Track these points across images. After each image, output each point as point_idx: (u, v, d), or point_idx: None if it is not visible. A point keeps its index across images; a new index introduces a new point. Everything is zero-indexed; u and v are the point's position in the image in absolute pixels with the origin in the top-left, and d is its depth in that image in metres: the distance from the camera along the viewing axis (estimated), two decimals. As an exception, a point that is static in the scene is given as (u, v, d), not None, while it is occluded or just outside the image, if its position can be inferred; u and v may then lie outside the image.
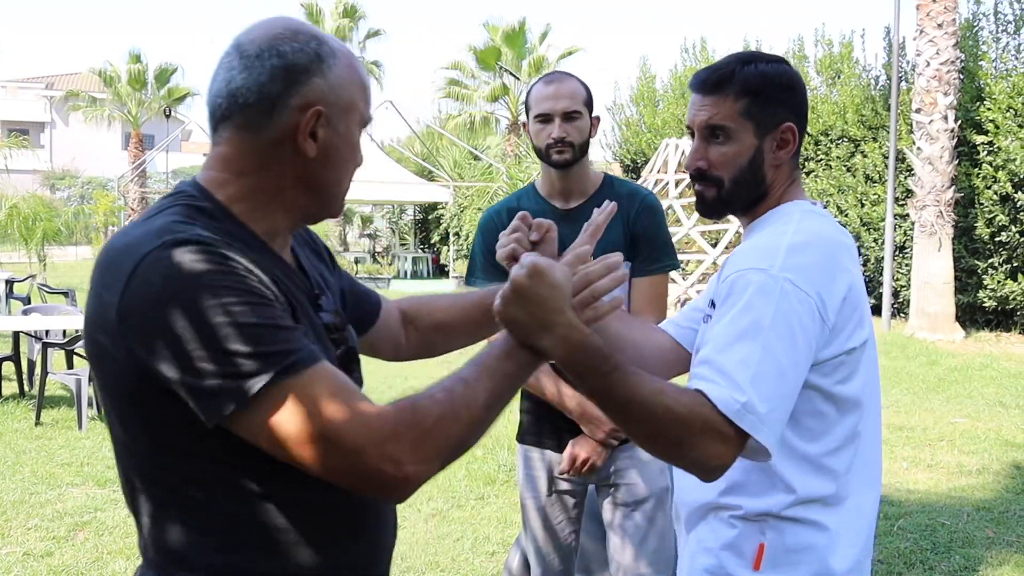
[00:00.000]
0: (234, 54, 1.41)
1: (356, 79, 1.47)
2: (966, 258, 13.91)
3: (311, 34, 1.44)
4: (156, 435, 1.35)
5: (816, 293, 1.65)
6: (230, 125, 1.42)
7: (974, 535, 5.19)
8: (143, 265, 1.27)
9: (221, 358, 1.23)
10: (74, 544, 4.97)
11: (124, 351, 1.29)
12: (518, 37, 29.72)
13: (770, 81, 1.82)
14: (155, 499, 1.39)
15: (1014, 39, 14.28)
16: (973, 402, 9.08)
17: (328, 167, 1.46)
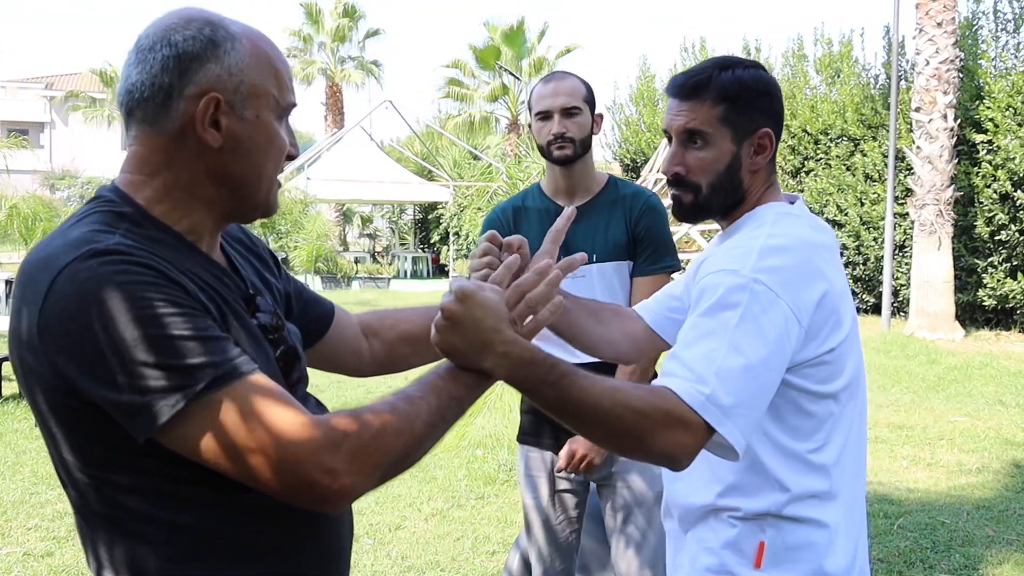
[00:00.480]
0: (133, 50, 1.38)
1: (263, 61, 1.39)
2: (966, 257, 13.92)
3: (206, 20, 1.37)
4: (89, 451, 1.30)
5: (788, 296, 1.65)
6: (133, 122, 1.39)
7: (974, 534, 5.19)
8: (60, 279, 1.21)
9: (143, 372, 1.19)
10: (74, 544, 4.97)
11: (47, 367, 1.24)
12: (517, 36, 29.72)
13: (747, 87, 1.83)
14: (99, 516, 1.34)
15: (1013, 38, 14.29)
16: (973, 401, 9.08)
17: (239, 157, 1.38)
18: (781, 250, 1.70)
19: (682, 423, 1.53)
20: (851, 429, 1.83)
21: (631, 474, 2.96)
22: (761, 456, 1.77)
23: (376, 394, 6.70)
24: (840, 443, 1.80)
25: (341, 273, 23.76)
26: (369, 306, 18.71)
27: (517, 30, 29.65)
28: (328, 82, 33.81)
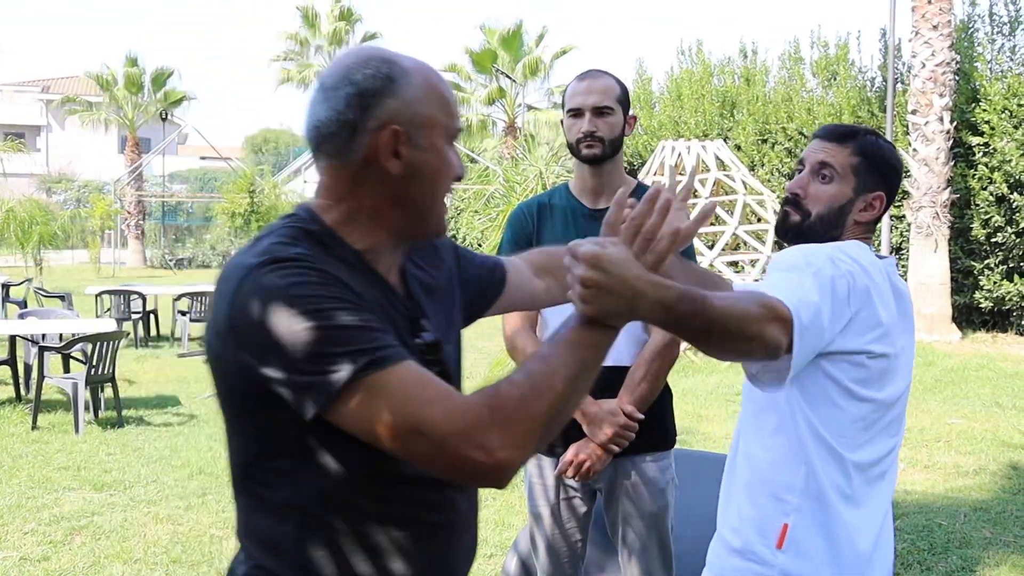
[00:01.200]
0: (317, 90, 1.53)
1: (434, 94, 1.54)
2: (962, 259, 13.94)
3: (383, 58, 1.52)
4: (255, 433, 1.49)
5: (850, 275, 1.87)
6: (322, 156, 1.54)
7: (971, 535, 5.20)
8: (245, 283, 1.41)
9: (313, 358, 1.35)
10: (71, 548, 4.96)
11: (232, 355, 1.42)
12: (514, 40, 29.74)
13: (883, 155, 2.10)
14: (248, 491, 1.53)
15: (1009, 40, 14.32)
16: (970, 403, 9.09)
17: (417, 183, 1.53)
18: (848, 255, 1.93)
19: (781, 317, 1.73)
20: (890, 449, 2.05)
21: (634, 485, 2.93)
22: (800, 433, 1.95)
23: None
24: (871, 451, 2.00)
25: (338, 276, 23.71)
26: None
27: (514, 33, 29.67)
28: (325, 85, 33.79)
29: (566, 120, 2.94)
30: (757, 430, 2.05)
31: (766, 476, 1.98)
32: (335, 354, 1.35)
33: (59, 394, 8.79)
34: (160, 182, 40.48)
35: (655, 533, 2.96)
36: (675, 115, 19.11)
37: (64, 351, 8.41)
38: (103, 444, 7.22)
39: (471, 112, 31.18)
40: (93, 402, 8.12)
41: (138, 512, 5.56)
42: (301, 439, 1.44)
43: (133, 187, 33.43)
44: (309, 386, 1.36)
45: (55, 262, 26.47)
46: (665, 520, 2.97)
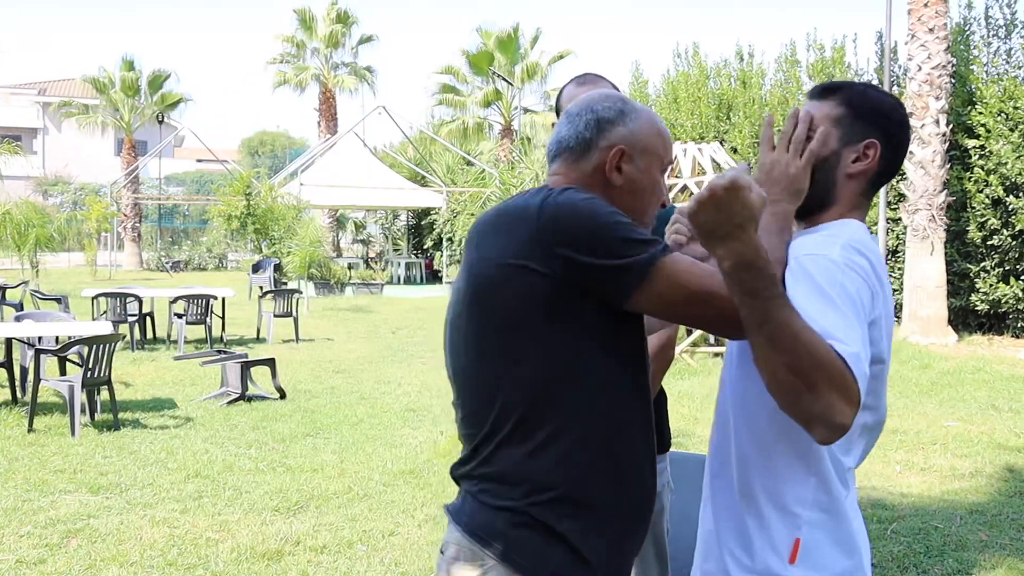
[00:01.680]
0: (564, 116, 1.96)
1: (654, 130, 1.93)
2: (958, 262, 13.96)
3: (619, 98, 1.95)
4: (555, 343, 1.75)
5: (865, 273, 1.76)
6: (559, 162, 1.94)
7: (967, 538, 5.20)
8: (547, 204, 1.74)
9: (624, 243, 1.69)
10: (67, 551, 4.95)
11: (544, 262, 1.71)
12: (511, 43, 29.76)
13: (871, 102, 1.95)
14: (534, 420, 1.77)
15: (1005, 43, 14.35)
16: (966, 405, 9.10)
17: (630, 195, 1.90)
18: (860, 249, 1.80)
19: (848, 390, 1.56)
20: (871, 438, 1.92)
21: None
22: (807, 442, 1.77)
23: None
24: (861, 451, 1.91)
25: (335, 279, 23.71)
26: (362, 312, 18.70)
27: (511, 36, 29.68)
28: (321, 88, 33.82)
29: None
30: (756, 438, 1.89)
31: (771, 488, 1.84)
32: (640, 241, 1.70)
33: (55, 397, 8.77)
34: (156, 184, 40.45)
35: (651, 536, 2.96)
36: (671, 118, 19.12)
37: (60, 354, 8.40)
38: (99, 447, 7.21)
39: (467, 115, 31.19)
40: (89, 405, 8.10)
41: (134, 515, 5.55)
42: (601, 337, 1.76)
43: (129, 189, 33.41)
44: (628, 267, 1.68)
45: (51, 265, 26.42)
46: (661, 523, 2.97)
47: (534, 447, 1.76)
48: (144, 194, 36.69)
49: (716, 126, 17.88)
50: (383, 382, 10.25)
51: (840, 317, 1.64)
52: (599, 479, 1.79)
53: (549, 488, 1.76)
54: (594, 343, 1.76)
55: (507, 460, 1.78)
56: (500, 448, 1.79)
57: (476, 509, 1.80)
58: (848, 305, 1.68)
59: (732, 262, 1.58)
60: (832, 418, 1.57)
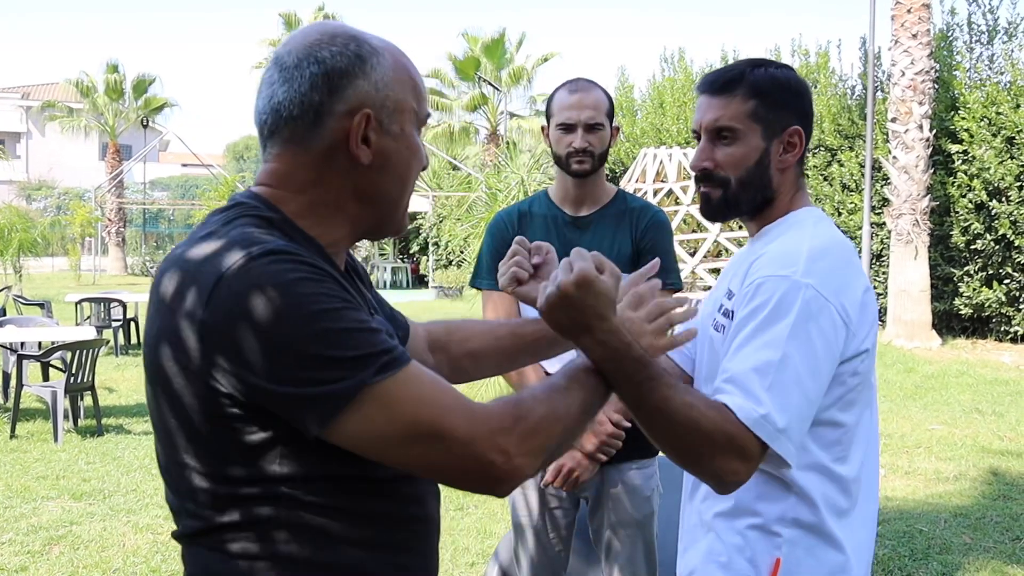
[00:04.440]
0: (274, 68, 1.38)
1: (404, 75, 1.41)
2: (942, 266, 14.03)
3: (349, 35, 1.38)
4: (230, 455, 1.30)
5: (837, 299, 1.67)
6: (278, 140, 1.39)
7: (951, 541, 5.22)
8: (227, 278, 1.23)
9: (318, 364, 1.21)
10: (49, 559, 4.92)
11: (205, 368, 1.25)
12: (497, 47, 29.77)
13: (779, 84, 1.84)
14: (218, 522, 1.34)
15: (987, 49, 14.44)
16: (950, 409, 9.14)
17: (387, 173, 1.41)
18: (827, 252, 1.74)
19: (740, 450, 1.56)
20: (869, 443, 1.85)
21: (619, 494, 2.93)
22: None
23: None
24: (860, 457, 1.82)
25: (320, 284, 23.70)
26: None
27: (497, 41, 29.70)
28: (307, 92, 33.73)
29: (553, 132, 2.90)
30: None
31: (749, 507, 1.78)
32: (347, 359, 1.22)
33: (38, 403, 8.71)
34: (141, 189, 40.27)
35: (641, 541, 2.96)
36: (657, 122, 19.18)
37: (43, 359, 8.35)
38: (82, 453, 7.16)
39: (453, 119, 31.17)
40: (72, 411, 8.05)
41: (117, 521, 5.51)
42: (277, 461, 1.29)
43: (114, 194, 33.25)
44: (315, 398, 1.22)
45: (35, 270, 26.28)
46: (650, 528, 2.97)
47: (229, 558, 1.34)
48: (128, 199, 36.53)
49: (701, 131, 17.92)
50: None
51: (767, 359, 1.61)
52: None
53: None
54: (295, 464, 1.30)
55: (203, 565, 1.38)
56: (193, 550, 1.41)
57: None
58: (793, 342, 1.62)
59: (599, 355, 1.47)
60: (723, 478, 1.59)
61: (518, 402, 1.35)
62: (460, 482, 1.32)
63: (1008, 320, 13.72)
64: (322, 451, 1.29)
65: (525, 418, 1.32)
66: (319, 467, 1.31)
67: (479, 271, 3.03)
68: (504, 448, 1.28)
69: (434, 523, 1.54)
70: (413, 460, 1.29)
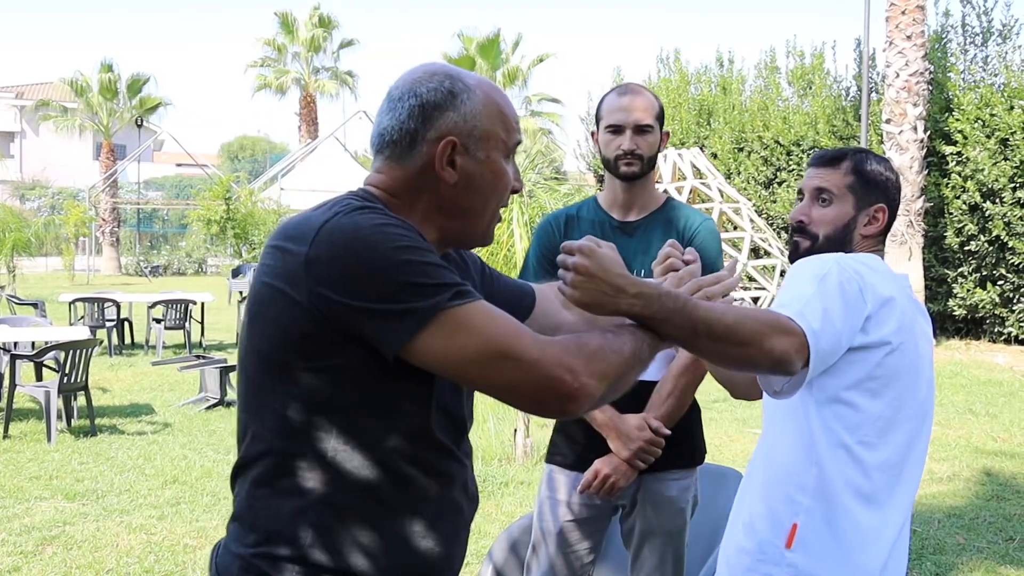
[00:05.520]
0: (385, 101, 1.63)
1: (493, 109, 1.62)
2: (936, 267, 14.06)
3: (446, 74, 1.62)
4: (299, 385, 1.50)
5: (862, 280, 1.96)
6: (382, 158, 1.63)
7: (945, 542, 5.23)
8: (327, 226, 1.47)
9: (402, 287, 1.43)
10: (42, 559, 4.90)
11: (305, 295, 1.46)
12: (492, 47, 29.80)
13: (875, 170, 2.20)
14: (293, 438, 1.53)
15: (981, 51, 14.48)
16: (943, 410, 9.15)
17: (469, 192, 1.62)
18: (860, 259, 2.07)
19: (788, 330, 1.79)
20: (911, 446, 2.07)
21: (654, 503, 2.88)
22: (814, 433, 2.02)
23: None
24: (892, 451, 2.03)
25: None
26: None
27: (492, 41, 29.73)
28: (302, 92, 33.75)
29: (602, 135, 2.89)
30: (776, 433, 2.14)
31: (780, 477, 2.06)
32: (426, 284, 1.43)
33: (31, 403, 8.69)
34: (135, 189, 40.22)
35: (670, 551, 2.90)
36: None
37: (36, 359, 8.33)
38: (75, 453, 7.14)
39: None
40: (66, 411, 8.03)
41: (111, 522, 5.50)
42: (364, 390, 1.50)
43: (108, 194, 33.19)
44: (401, 313, 1.42)
45: (28, 269, 26.23)
46: (681, 539, 2.91)
47: (273, 493, 1.54)
48: (123, 198, 36.47)
49: (696, 132, 17.95)
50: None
51: (801, 291, 1.90)
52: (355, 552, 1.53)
53: (283, 543, 1.52)
54: (360, 396, 1.51)
55: (247, 500, 1.57)
56: (243, 484, 1.59)
57: (222, 550, 1.62)
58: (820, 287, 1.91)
59: (642, 307, 1.61)
60: (778, 356, 1.77)
61: (577, 335, 1.54)
62: (532, 400, 1.48)
63: (1002, 321, 13.75)
64: (388, 392, 1.51)
65: (587, 344, 1.49)
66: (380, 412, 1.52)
67: (525, 273, 3.01)
68: (571, 366, 1.44)
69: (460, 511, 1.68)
70: (488, 378, 1.46)
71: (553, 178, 8.38)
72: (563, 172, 24.08)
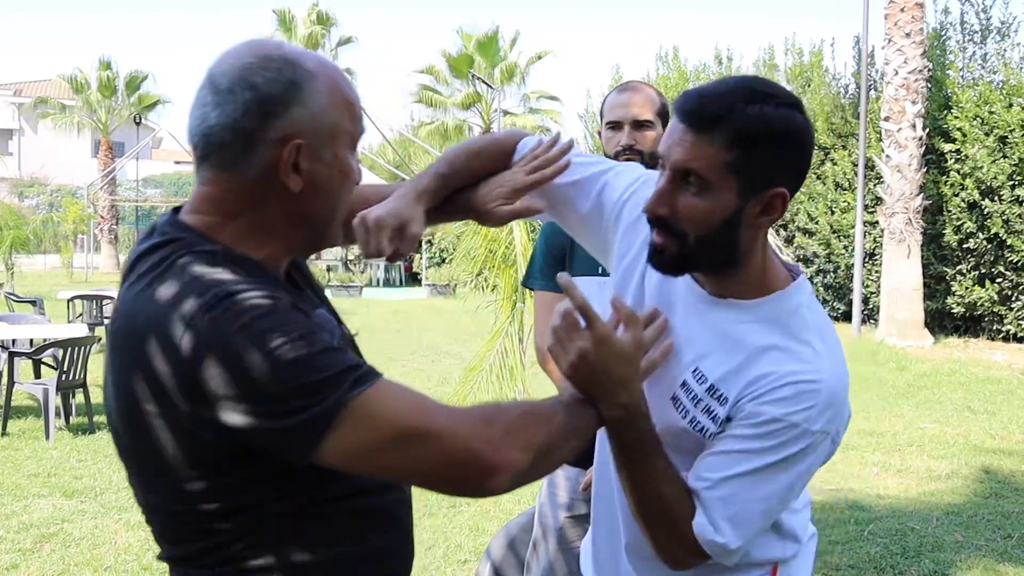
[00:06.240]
0: (207, 88, 1.34)
1: (340, 99, 1.39)
2: (935, 265, 14.06)
3: (284, 59, 1.34)
4: (220, 488, 1.32)
5: (836, 432, 1.57)
6: (210, 165, 1.36)
7: (943, 539, 5.23)
8: (195, 326, 1.23)
9: (297, 393, 1.22)
10: (40, 556, 4.90)
11: (185, 415, 1.26)
12: (491, 45, 29.78)
13: (773, 133, 1.46)
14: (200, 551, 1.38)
15: (980, 48, 14.48)
16: (942, 407, 9.16)
17: (316, 197, 1.39)
18: (842, 384, 1.55)
19: (691, 548, 1.56)
20: None
21: None
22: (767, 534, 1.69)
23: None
24: None
25: (314, 281, 23.67)
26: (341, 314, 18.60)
27: (491, 39, 29.70)
28: (301, 90, 33.68)
29: (604, 132, 2.91)
30: None
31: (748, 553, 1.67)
32: (321, 382, 1.23)
33: (29, 400, 8.69)
34: (134, 186, 40.21)
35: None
36: (651, 121, 19.14)
37: (35, 356, 8.32)
38: (74, 450, 7.14)
39: (447, 116, 31.17)
40: (64, 408, 8.03)
41: (109, 519, 5.50)
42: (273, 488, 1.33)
43: (106, 191, 33.17)
44: (299, 426, 1.23)
45: (27, 267, 26.19)
46: None
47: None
48: (121, 196, 36.45)
49: (695, 129, 17.93)
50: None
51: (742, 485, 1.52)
52: None
53: None
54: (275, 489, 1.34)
55: None
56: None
57: None
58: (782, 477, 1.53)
59: (615, 420, 1.50)
60: (671, 562, 1.60)
61: (496, 403, 1.39)
62: (452, 480, 1.33)
63: (1000, 319, 13.76)
64: (302, 478, 1.33)
65: (506, 412, 1.36)
66: (298, 496, 1.35)
67: (532, 272, 3.01)
68: (488, 438, 1.30)
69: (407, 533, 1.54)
70: (404, 465, 1.29)
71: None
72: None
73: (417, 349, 13.27)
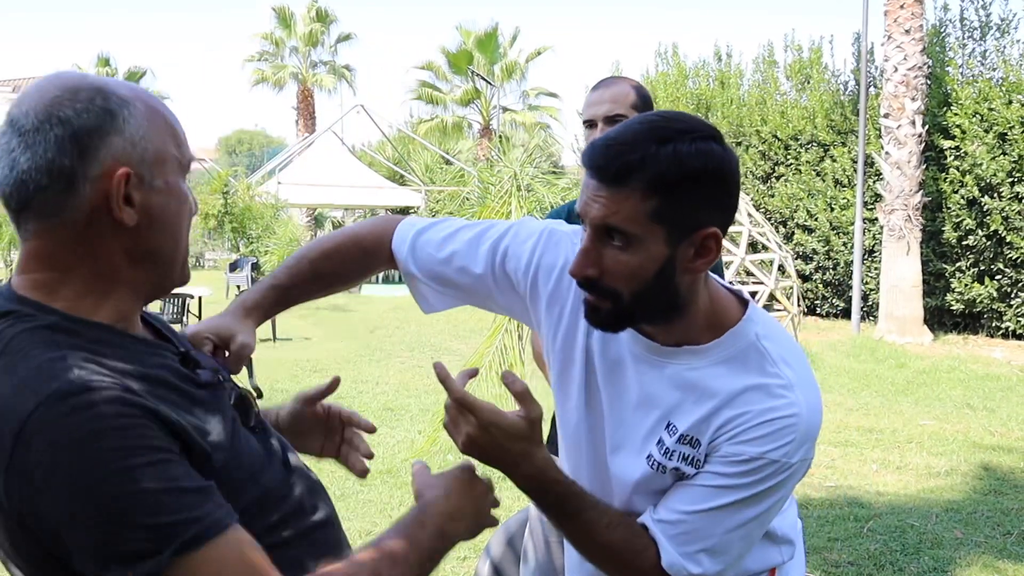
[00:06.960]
0: (9, 133, 1.21)
1: (160, 123, 1.28)
2: (934, 262, 14.06)
3: (93, 87, 1.23)
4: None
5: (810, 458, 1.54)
6: (31, 216, 1.22)
7: (943, 536, 5.23)
8: (27, 430, 1.09)
9: (122, 535, 1.08)
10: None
11: (14, 521, 1.13)
12: (490, 42, 29.79)
13: (690, 173, 1.36)
14: None
15: (980, 45, 14.46)
16: (941, 404, 9.16)
17: (155, 231, 1.26)
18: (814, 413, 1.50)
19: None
20: None
21: None
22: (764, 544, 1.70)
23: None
24: None
25: (313, 278, 23.64)
26: (340, 311, 18.63)
27: (490, 35, 29.70)
28: (300, 86, 33.70)
29: (583, 132, 2.90)
30: None
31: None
32: (151, 527, 1.09)
33: None
34: (133, 183, 40.18)
35: None
36: (650, 118, 19.10)
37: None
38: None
39: (446, 113, 31.18)
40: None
41: None
42: None
43: (105, 188, 33.18)
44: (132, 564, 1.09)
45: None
46: None
47: None
48: (120, 192, 36.45)
49: (694, 126, 17.92)
50: (360, 381, 10.18)
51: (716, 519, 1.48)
52: None
53: None
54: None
55: None
56: None
57: None
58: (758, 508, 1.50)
59: (528, 490, 1.50)
60: None
61: (351, 560, 1.27)
62: None
63: (999, 316, 13.76)
64: None
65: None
66: None
67: None
68: None
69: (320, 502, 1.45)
70: None
71: (551, 172, 8.40)
72: (561, 166, 24.13)
73: (416, 346, 13.27)
